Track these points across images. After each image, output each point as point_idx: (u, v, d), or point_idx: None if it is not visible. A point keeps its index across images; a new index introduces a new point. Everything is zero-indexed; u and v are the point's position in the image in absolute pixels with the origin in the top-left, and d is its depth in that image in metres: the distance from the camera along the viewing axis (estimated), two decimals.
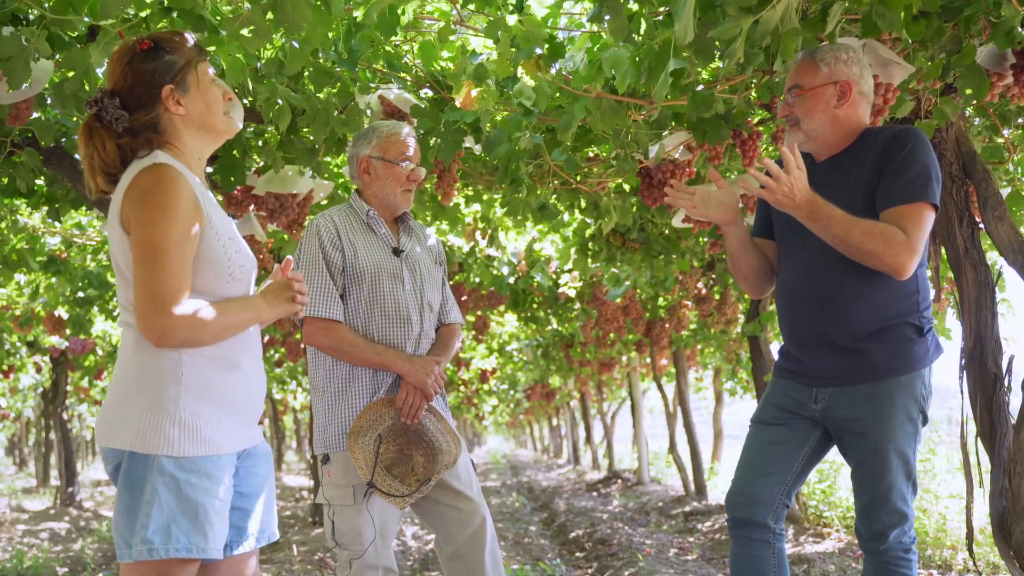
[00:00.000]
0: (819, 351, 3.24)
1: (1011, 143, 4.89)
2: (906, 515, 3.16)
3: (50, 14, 3.24)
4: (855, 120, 3.26)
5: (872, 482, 3.17)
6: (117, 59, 2.51)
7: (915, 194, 3.06)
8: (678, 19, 2.72)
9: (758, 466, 3.37)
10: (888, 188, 3.10)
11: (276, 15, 3.03)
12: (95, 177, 2.52)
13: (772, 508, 3.31)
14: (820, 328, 3.24)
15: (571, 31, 4.00)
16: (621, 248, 6.57)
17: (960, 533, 6.69)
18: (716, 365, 15.73)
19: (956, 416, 4.19)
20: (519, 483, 20.12)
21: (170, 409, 2.39)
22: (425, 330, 3.68)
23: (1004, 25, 3.16)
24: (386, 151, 3.66)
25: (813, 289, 3.27)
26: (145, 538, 2.31)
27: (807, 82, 3.22)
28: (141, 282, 2.33)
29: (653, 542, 8.05)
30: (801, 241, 3.29)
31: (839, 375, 3.22)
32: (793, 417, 3.34)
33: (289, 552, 7.89)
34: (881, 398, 3.15)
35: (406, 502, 3.48)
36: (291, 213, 4.80)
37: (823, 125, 3.24)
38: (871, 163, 3.17)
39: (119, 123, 2.46)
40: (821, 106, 3.21)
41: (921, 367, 3.18)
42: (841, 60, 3.19)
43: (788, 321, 3.40)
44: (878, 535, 3.17)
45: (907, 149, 3.11)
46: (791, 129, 3.30)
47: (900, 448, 3.14)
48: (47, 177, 5.15)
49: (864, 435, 3.17)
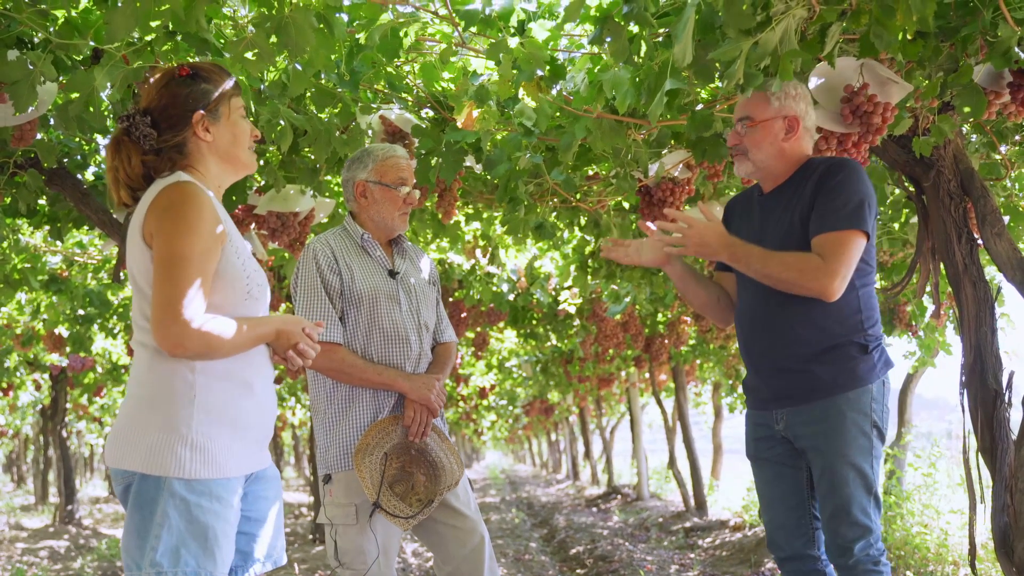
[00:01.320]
0: (771, 373, 3.38)
1: (1008, 160, 4.92)
2: (869, 528, 3.25)
3: (55, 38, 3.26)
4: (798, 152, 3.41)
5: (831, 496, 3.27)
6: (156, 82, 2.57)
7: (839, 223, 3.20)
8: (677, 41, 2.74)
9: (776, 509, 3.51)
10: (816, 217, 3.25)
11: (280, 38, 3.05)
12: (118, 190, 2.57)
13: (809, 537, 3.45)
14: (770, 351, 3.38)
15: (572, 53, 4.02)
16: (620, 265, 6.59)
17: (962, 549, 6.68)
18: (715, 380, 15.75)
19: (956, 430, 4.22)
20: (518, 499, 20.08)
21: (182, 431, 2.40)
22: (424, 350, 3.71)
23: (1001, 45, 3.18)
24: (383, 175, 3.68)
25: (762, 314, 3.42)
26: (154, 561, 2.32)
27: (757, 114, 3.36)
28: (160, 291, 2.35)
29: (654, 558, 8.04)
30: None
31: (791, 395, 3.35)
32: (774, 444, 3.47)
33: (290, 570, 7.89)
34: (832, 414, 3.27)
35: (409, 524, 3.49)
36: (292, 232, 4.82)
37: (770, 156, 3.39)
38: (808, 193, 3.30)
39: (147, 140, 2.51)
40: (770, 138, 3.36)
41: (867, 383, 3.29)
42: (790, 96, 3.34)
43: (744, 346, 3.55)
44: (843, 549, 3.25)
45: (837, 179, 3.25)
46: (739, 158, 3.44)
47: (854, 461, 3.24)
48: (49, 197, 5.17)
49: (819, 450, 3.29)
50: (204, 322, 2.36)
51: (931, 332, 8.18)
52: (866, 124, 3.48)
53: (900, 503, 7.54)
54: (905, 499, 7.67)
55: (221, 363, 2.48)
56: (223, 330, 2.40)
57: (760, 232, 3.42)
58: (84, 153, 4.92)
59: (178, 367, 2.43)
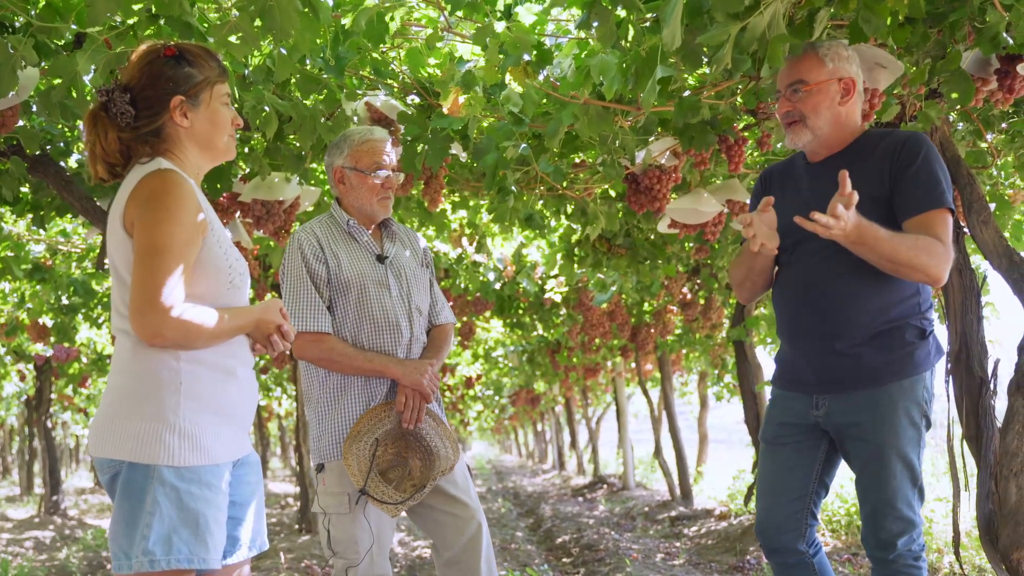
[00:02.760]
0: (819, 356, 3.18)
1: (994, 148, 4.93)
2: (914, 522, 3.10)
3: (37, 21, 3.23)
4: (853, 120, 3.22)
5: (876, 489, 3.11)
6: (139, 57, 2.53)
7: (937, 200, 3.01)
8: (666, 25, 2.72)
9: (777, 495, 3.34)
10: (910, 197, 3.04)
11: (264, 22, 3.02)
12: (95, 164, 2.54)
13: (799, 532, 3.29)
14: (819, 332, 3.18)
15: (559, 38, 4.00)
16: (607, 253, 6.58)
17: (946, 536, 6.71)
18: (701, 370, 15.77)
19: (942, 419, 4.20)
20: (504, 488, 20.11)
21: (169, 418, 2.38)
22: (415, 335, 3.66)
23: (989, 31, 3.18)
24: (358, 160, 3.61)
25: (812, 293, 3.21)
26: (146, 549, 2.30)
27: (812, 77, 3.14)
28: (139, 280, 2.33)
29: (640, 547, 8.05)
30: (798, 246, 3.25)
31: (839, 380, 3.16)
32: (797, 432, 3.30)
33: (276, 560, 7.87)
34: (882, 402, 3.09)
35: (398, 510, 3.46)
36: (278, 220, 4.79)
37: (827, 123, 3.17)
38: (876, 168, 3.11)
39: (123, 118, 2.48)
40: (827, 102, 3.15)
41: (923, 370, 3.12)
42: (843, 57, 3.14)
43: (787, 326, 3.34)
44: (886, 544, 3.11)
45: (921, 156, 3.05)
46: (794, 128, 3.22)
47: (903, 453, 3.08)
48: (32, 185, 5.13)
49: (866, 440, 3.12)
50: (183, 311, 2.34)
51: None
52: None
53: None
54: None
55: (205, 351, 2.47)
56: (202, 319, 2.39)
57: (809, 203, 3.08)
58: (67, 140, 4.87)
59: (163, 355, 2.41)
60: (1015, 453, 3.87)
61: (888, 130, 3.24)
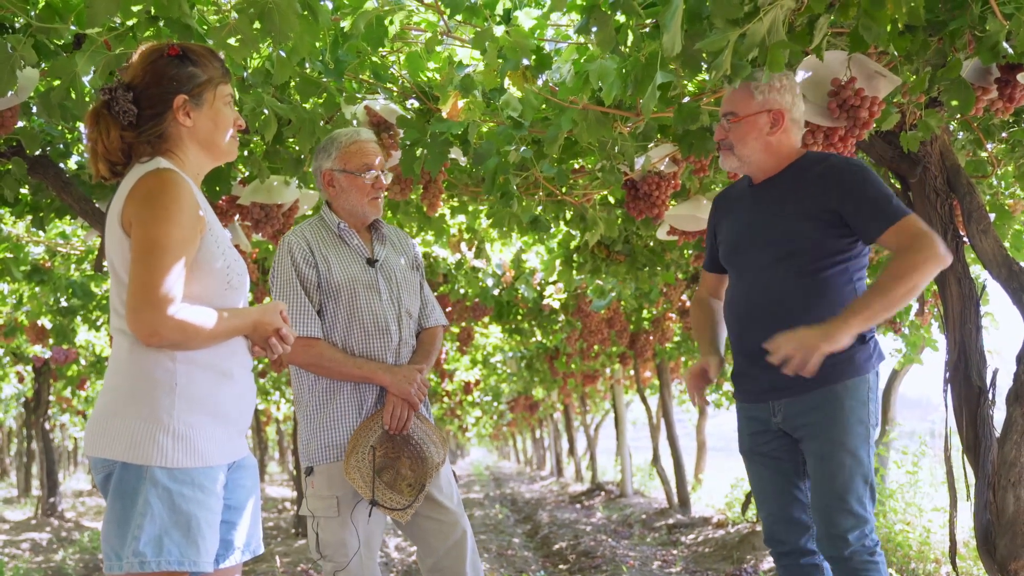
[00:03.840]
0: (767, 364, 3.24)
1: (995, 157, 4.92)
2: (865, 518, 3.21)
3: (36, 22, 3.22)
4: (787, 145, 3.38)
5: (827, 484, 3.23)
6: (142, 56, 2.52)
7: (892, 216, 3.16)
8: (666, 31, 2.72)
9: (772, 504, 3.47)
10: (869, 222, 3.20)
11: (263, 25, 3.02)
12: (97, 163, 2.53)
13: (806, 531, 3.42)
14: (766, 341, 3.25)
15: (558, 42, 4.00)
16: (606, 260, 6.57)
17: (944, 546, 6.69)
18: None
19: (939, 429, 4.21)
20: (502, 495, 20.07)
21: (164, 419, 2.37)
22: (404, 338, 3.65)
23: (989, 39, 3.17)
24: (347, 162, 3.60)
25: (757, 305, 3.38)
26: (137, 550, 2.29)
27: (741, 109, 3.33)
28: (137, 279, 2.32)
29: (637, 554, 8.04)
30: (745, 261, 3.44)
31: (788, 385, 3.27)
32: (769, 438, 3.43)
33: (272, 564, 7.86)
34: (830, 402, 3.24)
35: (407, 514, 3.46)
36: (276, 223, 4.78)
37: (756, 151, 3.37)
38: (815, 190, 3.28)
39: (125, 116, 2.47)
40: (755, 133, 3.34)
41: (864, 372, 3.27)
42: (775, 88, 3.30)
43: (736, 341, 3.51)
44: (837, 539, 3.20)
45: (861, 181, 3.22)
46: (725, 153, 3.42)
47: (852, 449, 3.21)
48: (31, 186, 5.13)
49: (817, 439, 3.25)
50: (180, 311, 2.33)
51: (916, 330, 8.18)
52: (853, 118, 3.46)
53: (883, 501, 7.56)
54: (888, 497, 7.69)
55: (202, 352, 2.46)
56: (199, 320, 2.37)
57: (750, 220, 3.43)
58: (67, 142, 4.87)
59: (159, 356, 2.40)
60: (1013, 463, 3.86)
61: (824, 154, 3.42)
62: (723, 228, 3.58)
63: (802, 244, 3.27)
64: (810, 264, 3.27)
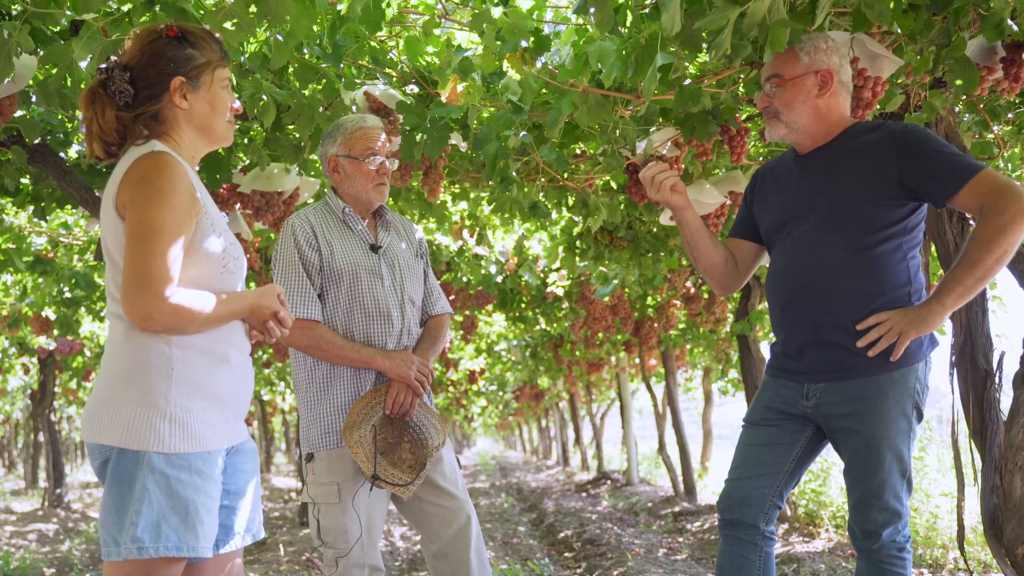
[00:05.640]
0: (808, 346, 3.16)
1: (1001, 139, 4.88)
2: (900, 513, 3.07)
3: (32, 8, 3.20)
4: (836, 111, 3.20)
5: (864, 479, 3.08)
6: (140, 37, 2.50)
7: (966, 173, 2.94)
8: (666, 10, 2.69)
9: (749, 468, 3.30)
10: (944, 184, 2.98)
11: (259, 8, 3.00)
12: (92, 142, 2.51)
13: (763, 510, 3.25)
14: (809, 322, 3.16)
15: (557, 24, 3.97)
16: (609, 246, 6.53)
17: (951, 531, 6.68)
18: (705, 365, 15.74)
19: (946, 415, 4.17)
20: (508, 484, 20.10)
21: (160, 404, 2.36)
22: (407, 326, 3.64)
23: (993, 17, 3.14)
24: (352, 148, 3.61)
25: (802, 283, 3.19)
26: (135, 536, 2.28)
27: (787, 71, 3.15)
28: (131, 263, 2.30)
29: (642, 542, 8.02)
30: (788, 236, 3.25)
31: (829, 370, 3.13)
32: (783, 417, 3.27)
33: (277, 552, 7.86)
34: (873, 393, 3.05)
35: (409, 490, 3.45)
36: (277, 211, 4.77)
37: (804, 115, 3.18)
38: (871, 157, 3.09)
39: (122, 96, 2.46)
40: (802, 96, 3.15)
41: (914, 361, 3.08)
42: (821, 49, 3.13)
43: (778, 316, 3.32)
44: (871, 533, 3.09)
45: (923, 138, 3.03)
46: (771, 121, 3.24)
47: (893, 444, 3.05)
48: (32, 176, 5.11)
49: (856, 431, 3.09)
50: (175, 295, 2.31)
51: None
52: (856, 99, 3.40)
53: None
54: None
55: (198, 336, 2.44)
56: (195, 304, 2.36)
57: (796, 194, 3.26)
58: (67, 131, 4.85)
59: (154, 340, 2.39)
60: (1020, 447, 3.84)
61: (877, 122, 3.21)
62: (767, 204, 3.39)
63: (853, 216, 3.08)
64: (860, 238, 3.07)
